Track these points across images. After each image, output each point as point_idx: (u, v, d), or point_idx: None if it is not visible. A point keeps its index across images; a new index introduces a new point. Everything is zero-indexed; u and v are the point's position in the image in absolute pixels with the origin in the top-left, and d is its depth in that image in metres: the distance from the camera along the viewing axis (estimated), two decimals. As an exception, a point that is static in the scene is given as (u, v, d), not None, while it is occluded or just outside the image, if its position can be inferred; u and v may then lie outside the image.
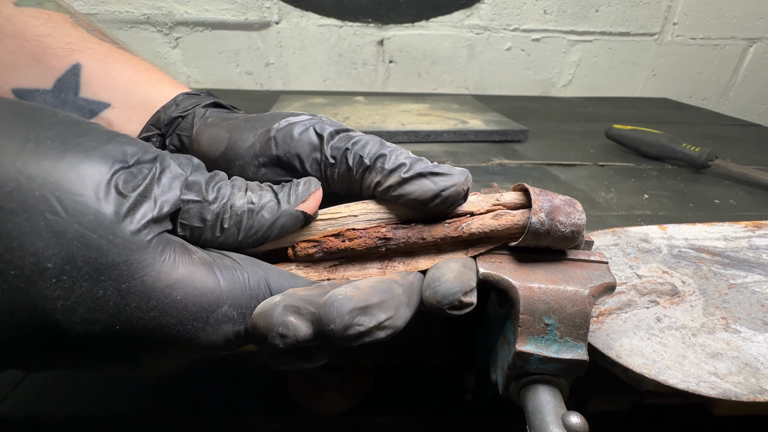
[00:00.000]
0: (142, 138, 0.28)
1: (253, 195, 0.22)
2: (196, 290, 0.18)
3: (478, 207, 0.25)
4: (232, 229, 0.21)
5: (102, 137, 0.18)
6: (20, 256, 0.15)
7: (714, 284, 0.33)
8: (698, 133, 0.89)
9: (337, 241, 0.24)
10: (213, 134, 0.27)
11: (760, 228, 0.40)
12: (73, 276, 0.16)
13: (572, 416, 0.21)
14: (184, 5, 1.01)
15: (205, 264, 0.19)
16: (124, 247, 0.17)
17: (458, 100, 0.99)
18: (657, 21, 1.17)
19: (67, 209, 0.16)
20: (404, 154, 0.24)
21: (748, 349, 0.27)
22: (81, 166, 0.16)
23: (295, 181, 0.24)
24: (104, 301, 0.16)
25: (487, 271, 0.24)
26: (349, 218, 0.24)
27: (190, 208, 0.20)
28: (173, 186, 0.19)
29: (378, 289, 0.20)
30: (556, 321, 0.23)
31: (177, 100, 0.30)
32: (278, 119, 0.26)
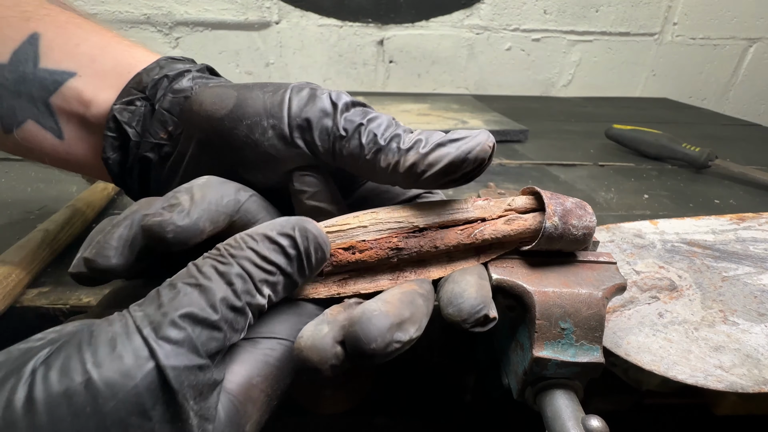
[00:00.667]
0: (123, 102, 0.26)
1: (268, 289, 0.19)
2: (267, 386, 0.20)
3: (491, 212, 0.25)
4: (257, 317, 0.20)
5: None
6: None
7: (708, 277, 0.33)
8: (698, 133, 0.89)
9: (347, 254, 0.23)
10: (219, 93, 0.24)
11: (744, 220, 0.41)
12: None
13: (592, 419, 0.21)
14: (184, 5, 1.01)
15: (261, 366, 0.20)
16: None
17: (458, 100, 0.99)
18: (657, 21, 1.17)
19: None
20: (417, 132, 0.23)
21: (747, 341, 0.27)
22: None
23: (300, 243, 0.20)
24: None
25: (500, 277, 0.24)
26: (359, 229, 0.23)
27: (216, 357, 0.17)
28: (204, 388, 0.17)
29: (405, 301, 0.20)
30: (571, 325, 0.23)
31: (160, 63, 0.27)
32: (290, 83, 0.25)
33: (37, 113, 0.26)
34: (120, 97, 0.26)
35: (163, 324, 0.16)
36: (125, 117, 0.26)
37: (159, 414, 0.15)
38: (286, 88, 0.24)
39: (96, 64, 0.27)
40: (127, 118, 0.26)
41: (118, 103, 0.26)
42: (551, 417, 0.22)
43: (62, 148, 0.27)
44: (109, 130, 0.26)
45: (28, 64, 0.26)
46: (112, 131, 0.26)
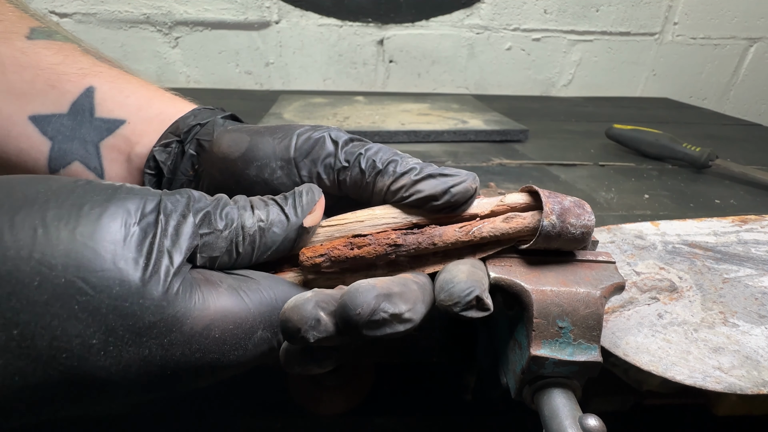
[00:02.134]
0: (161, 144, 0.30)
1: (260, 212, 0.22)
2: (232, 323, 0.20)
3: (482, 209, 0.25)
4: (247, 249, 0.22)
5: (101, 199, 0.18)
6: (66, 340, 0.16)
7: (709, 279, 0.33)
8: (698, 133, 0.89)
9: (346, 250, 0.23)
10: (234, 137, 0.28)
11: (746, 222, 0.41)
12: (118, 344, 0.17)
13: (590, 419, 0.21)
14: (184, 5, 1.01)
15: (233, 293, 0.20)
16: (156, 307, 0.18)
17: (458, 99, 0.99)
18: (657, 21, 1.17)
19: (94, 287, 0.17)
20: (414, 160, 0.26)
21: (747, 343, 0.27)
22: (94, 240, 0.17)
23: (296, 190, 0.24)
24: (151, 357, 0.18)
25: (498, 275, 0.24)
26: (356, 224, 0.24)
27: (205, 242, 0.21)
28: (182, 232, 0.20)
29: (396, 282, 0.21)
30: (569, 324, 0.23)
31: (195, 112, 0.31)
32: (297, 128, 0.27)
33: (85, 155, 0.30)
34: (159, 140, 0.30)
35: (177, 190, 0.21)
36: (162, 157, 0.30)
37: (145, 220, 0.19)
38: (292, 134, 0.27)
39: (142, 113, 0.31)
40: (163, 158, 0.30)
41: (157, 145, 0.30)
42: (549, 416, 0.22)
43: None
44: (148, 168, 0.30)
45: (85, 114, 0.30)
46: (150, 169, 0.30)
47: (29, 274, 0.16)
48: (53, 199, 0.18)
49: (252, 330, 0.20)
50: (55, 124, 0.29)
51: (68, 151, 0.29)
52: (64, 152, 0.29)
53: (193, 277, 0.20)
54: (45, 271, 0.16)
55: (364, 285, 0.20)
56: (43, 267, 0.16)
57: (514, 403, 0.26)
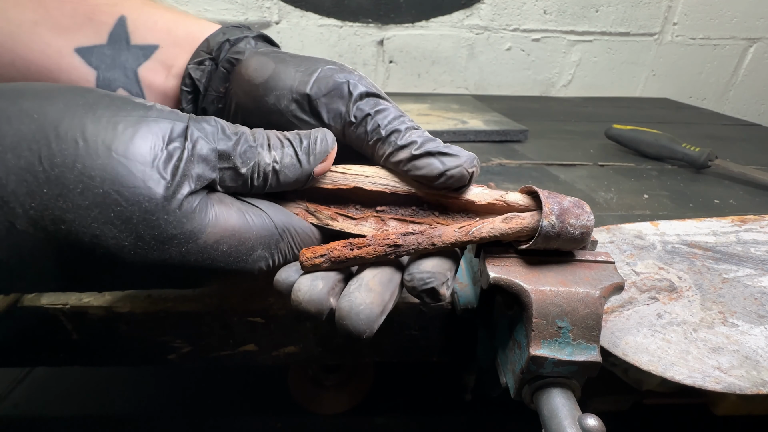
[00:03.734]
0: (195, 62, 0.31)
1: (276, 153, 0.24)
2: (237, 241, 0.23)
3: (481, 198, 0.26)
4: (261, 184, 0.24)
5: (134, 119, 0.20)
6: (104, 239, 0.19)
7: (708, 279, 0.33)
8: (698, 133, 0.89)
9: (345, 250, 0.24)
10: (261, 62, 0.29)
11: (745, 222, 0.41)
12: (145, 248, 0.20)
13: (589, 418, 0.21)
14: (184, 5, 1.02)
15: (241, 215, 0.23)
16: (177, 221, 0.20)
17: (458, 100, 0.99)
18: (657, 21, 1.17)
19: (127, 200, 0.19)
20: (417, 132, 0.26)
21: (746, 343, 0.27)
22: (127, 159, 0.19)
23: (312, 135, 0.25)
24: (171, 260, 0.21)
25: (497, 275, 0.24)
26: (360, 177, 0.26)
27: (223, 174, 0.23)
28: (203, 160, 0.22)
29: (385, 282, 0.23)
30: (569, 323, 0.23)
31: (224, 29, 0.32)
32: (322, 64, 0.28)
33: (126, 82, 0.32)
34: (193, 58, 0.31)
35: (204, 118, 0.23)
36: (197, 74, 0.31)
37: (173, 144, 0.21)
38: (314, 70, 0.28)
39: (172, 36, 0.32)
40: (198, 75, 0.31)
41: (191, 63, 0.31)
42: (548, 416, 0.22)
43: None
44: (184, 85, 0.31)
45: (122, 43, 0.32)
46: (187, 86, 0.31)
47: (74, 181, 0.18)
48: (91, 113, 0.20)
49: (253, 248, 0.23)
50: (97, 55, 0.31)
51: (112, 78, 0.31)
52: (109, 80, 0.31)
53: (210, 198, 0.22)
54: (86, 181, 0.19)
55: (362, 308, 0.22)
56: (84, 177, 0.19)
57: (513, 403, 0.26)
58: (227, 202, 0.23)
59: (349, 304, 0.22)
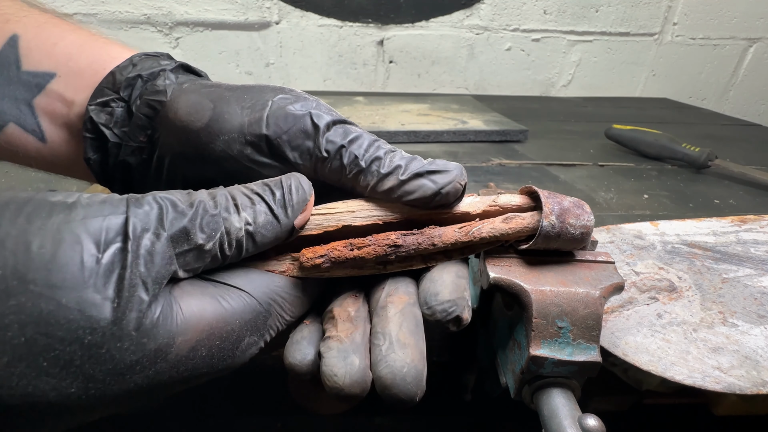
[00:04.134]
0: (97, 103, 0.26)
1: (246, 214, 0.20)
2: (218, 339, 0.19)
3: (475, 208, 0.26)
4: (235, 253, 0.20)
5: (53, 228, 0.16)
6: (41, 394, 0.15)
7: (708, 279, 0.33)
8: (698, 133, 0.89)
9: (346, 251, 0.23)
10: (194, 102, 0.24)
11: (745, 222, 0.41)
12: (99, 387, 0.16)
13: (589, 418, 0.21)
14: (184, 5, 1.02)
15: (216, 304, 0.19)
16: (136, 346, 0.16)
17: (458, 100, 1.00)
18: (657, 21, 1.17)
19: (62, 340, 0.15)
20: (398, 155, 0.24)
21: (746, 343, 0.27)
22: (51, 288, 0.15)
23: (284, 183, 0.22)
24: (138, 387, 0.17)
25: (497, 276, 0.24)
26: (346, 214, 0.24)
27: (185, 258, 0.19)
28: (156, 258, 0.17)
29: (413, 329, 0.21)
30: (569, 324, 0.23)
31: (133, 60, 0.27)
32: (271, 95, 0.24)
33: (18, 115, 0.26)
34: (93, 98, 0.26)
35: (145, 198, 0.18)
36: (102, 119, 0.26)
37: (111, 250, 0.16)
38: (264, 105, 0.24)
39: (72, 63, 0.27)
40: (104, 119, 0.26)
41: (93, 104, 0.26)
42: (548, 416, 0.22)
43: (46, 151, 0.28)
44: (87, 131, 0.26)
45: (11, 68, 0.26)
46: (90, 132, 0.26)
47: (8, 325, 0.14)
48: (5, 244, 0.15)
49: (239, 339, 0.20)
50: None
51: (0, 111, 0.26)
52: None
53: (173, 295, 0.18)
54: (9, 319, 0.14)
55: (406, 371, 0.19)
56: (4, 316, 0.14)
57: (513, 403, 0.26)
58: (196, 293, 0.19)
59: (391, 371, 0.19)
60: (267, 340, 0.21)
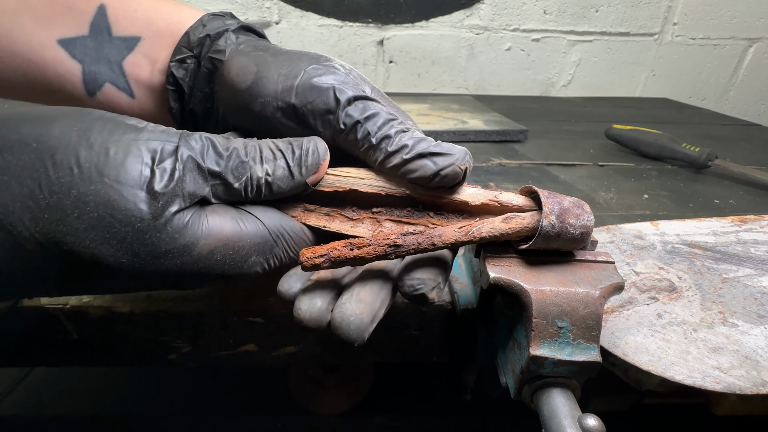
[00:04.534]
0: (176, 60, 0.30)
1: (268, 166, 0.24)
2: (231, 250, 0.23)
3: (475, 199, 0.26)
4: (255, 196, 0.25)
5: (125, 142, 0.21)
6: (103, 257, 0.21)
7: (708, 279, 0.33)
8: (698, 133, 0.89)
9: (346, 251, 0.24)
10: (243, 65, 0.28)
11: (745, 222, 0.41)
12: (141, 262, 0.21)
13: (589, 418, 0.21)
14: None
15: (235, 224, 0.24)
16: (170, 238, 0.21)
17: (458, 100, 1.00)
18: (657, 21, 1.17)
19: (120, 221, 0.20)
20: (407, 135, 0.26)
21: (746, 343, 0.27)
22: (119, 182, 0.20)
23: (304, 145, 0.25)
24: (168, 270, 0.22)
25: (497, 275, 0.24)
26: (356, 179, 0.27)
27: (216, 189, 0.23)
28: (196, 179, 0.22)
29: (375, 291, 0.25)
30: (569, 323, 0.23)
31: (203, 20, 0.31)
32: (305, 65, 0.27)
33: (113, 76, 0.31)
34: (174, 55, 0.31)
35: (194, 135, 0.23)
36: (180, 73, 0.31)
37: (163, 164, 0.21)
38: (297, 75, 0.27)
39: (153, 26, 0.31)
40: (182, 74, 0.31)
41: (173, 60, 0.30)
42: (548, 416, 0.22)
43: (136, 105, 0.33)
44: (169, 84, 0.31)
45: (104, 34, 0.31)
46: (171, 85, 0.31)
47: (70, 207, 0.20)
48: (84, 140, 0.20)
49: (247, 255, 0.24)
50: (80, 46, 0.30)
51: (98, 72, 0.31)
52: (95, 74, 0.31)
53: (204, 211, 0.23)
54: (81, 206, 0.20)
55: (353, 318, 0.23)
56: (80, 202, 0.20)
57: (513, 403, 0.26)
58: (221, 212, 0.24)
59: (341, 315, 0.23)
60: (271, 265, 0.25)
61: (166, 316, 0.32)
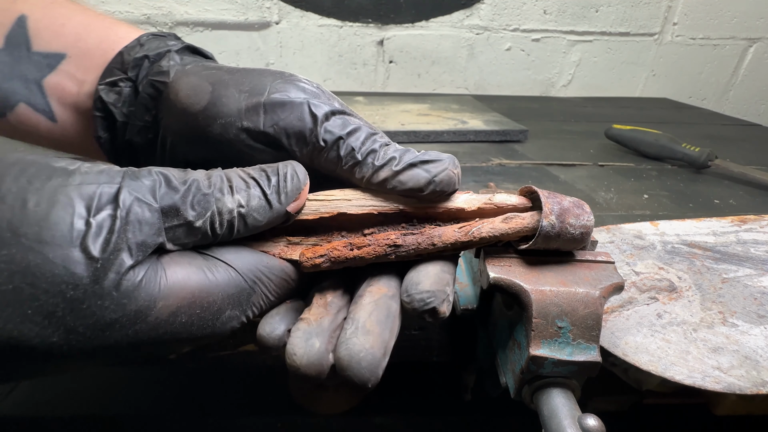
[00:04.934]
0: (106, 83, 0.27)
1: (240, 196, 0.21)
2: (199, 308, 0.20)
3: (470, 205, 0.26)
4: (226, 233, 0.21)
5: (50, 189, 0.17)
6: (25, 339, 0.16)
7: (708, 279, 0.33)
8: (698, 133, 0.89)
9: (346, 251, 0.23)
10: (193, 85, 0.25)
11: (745, 222, 0.41)
12: (81, 340, 0.17)
13: (589, 418, 0.21)
14: (184, 5, 1.02)
15: (201, 275, 0.20)
16: (116, 304, 0.17)
17: (458, 100, 1.00)
18: (657, 21, 1.17)
19: (46, 291, 0.16)
20: (392, 148, 0.24)
21: (746, 343, 0.27)
22: (41, 243, 0.16)
23: (281, 170, 0.22)
24: (118, 345, 0.18)
25: (497, 276, 0.24)
26: (343, 202, 0.24)
27: (175, 232, 0.19)
28: (143, 227, 0.18)
29: (382, 319, 0.21)
30: (568, 324, 0.23)
31: (141, 40, 0.27)
32: (269, 80, 0.24)
33: (28, 95, 0.27)
34: (103, 77, 0.27)
35: (141, 172, 0.19)
36: (111, 98, 0.27)
37: (101, 215, 0.17)
38: (262, 91, 0.24)
39: (81, 43, 0.27)
40: (113, 99, 0.27)
41: (102, 83, 0.27)
42: (548, 416, 0.22)
43: (57, 131, 0.29)
44: (96, 110, 0.27)
45: (21, 49, 0.27)
46: (99, 111, 0.27)
47: None
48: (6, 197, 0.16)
49: (220, 311, 0.20)
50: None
51: (10, 91, 0.27)
52: (7, 93, 0.27)
53: (161, 263, 0.19)
54: (3, 270, 0.16)
55: (363, 355, 0.20)
56: (4, 266, 0.16)
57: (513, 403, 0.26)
58: (183, 262, 0.20)
59: (348, 353, 0.20)
60: (249, 316, 0.22)
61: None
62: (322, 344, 0.21)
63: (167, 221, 0.19)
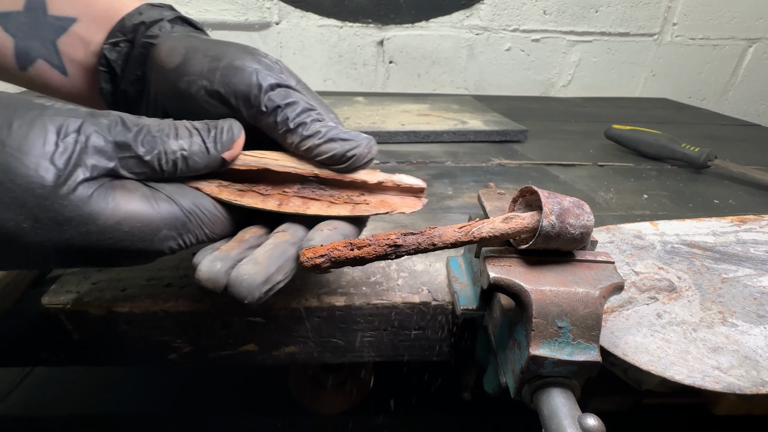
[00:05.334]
0: (110, 42, 0.32)
1: (183, 141, 0.26)
2: (139, 222, 0.24)
3: (372, 178, 0.29)
4: (170, 169, 0.26)
5: (30, 117, 0.22)
6: (3, 222, 0.21)
7: (708, 279, 0.33)
8: (698, 133, 0.89)
9: (346, 251, 0.24)
10: (172, 47, 0.30)
11: (745, 222, 0.41)
12: (44, 229, 0.22)
13: (589, 418, 0.21)
14: (185, 5, 1.02)
15: (145, 200, 0.25)
16: (72, 205, 0.22)
17: (458, 100, 1.00)
18: (656, 21, 1.17)
19: (20, 187, 0.21)
20: (321, 123, 0.29)
21: (746, 342, 0.27)
22: (20, 152, 0.21)
23: (219, 124, 0.27)
24: (72, 240, 0.23)
25: (497, 275, 0.24)
26: (270, 160, 0.29)
27: (127, 162, 0.24)
28: (101, 151, 0.23)
29: (275, 257, 0.26)
30: (568, 323, 0.23)
31: (140, 9, 0.33)
32: (232, 50, 0.29)
33: (45, 52, 0.32)
34: (108, 38, 0.32)
35: (103, 113, 0.24)
36: (113, 56, 0.32)
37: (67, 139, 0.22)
38: (222, 57, 0.28)
39: (90, 9, 0.32)
40: (114, 56, 0.32)
41: (107, 43, 0.32)
42: (548, 416, 0.22)
43: (69, 83, 0.34)
44: (101, 65, 0.32)
45: (39, 12, 0.32)
46: (104, 66, 0.32)
47: None
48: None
49: (157, 229, 0.25)
50: (14, 21, 0.31)
51: (31, 48, 0.32)
52: (27, 50, 0.32)
53: (113, 185, 0.24)
54: None
55: (246, 277, 0.24)
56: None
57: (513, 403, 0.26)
58: (131, 187, 0.25)
59: (236, 275, 0.25)
60: (186, 241, 0.26)
61: (166, 316, 0.32)
62: (223, 267, 0.25)
63: (120, 153, 0.24)
